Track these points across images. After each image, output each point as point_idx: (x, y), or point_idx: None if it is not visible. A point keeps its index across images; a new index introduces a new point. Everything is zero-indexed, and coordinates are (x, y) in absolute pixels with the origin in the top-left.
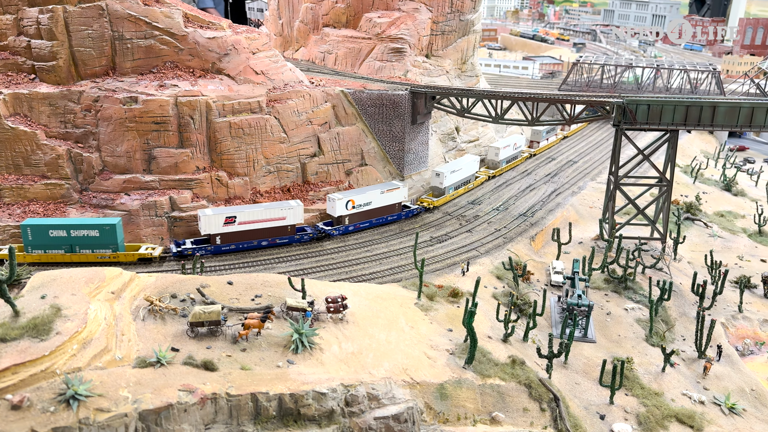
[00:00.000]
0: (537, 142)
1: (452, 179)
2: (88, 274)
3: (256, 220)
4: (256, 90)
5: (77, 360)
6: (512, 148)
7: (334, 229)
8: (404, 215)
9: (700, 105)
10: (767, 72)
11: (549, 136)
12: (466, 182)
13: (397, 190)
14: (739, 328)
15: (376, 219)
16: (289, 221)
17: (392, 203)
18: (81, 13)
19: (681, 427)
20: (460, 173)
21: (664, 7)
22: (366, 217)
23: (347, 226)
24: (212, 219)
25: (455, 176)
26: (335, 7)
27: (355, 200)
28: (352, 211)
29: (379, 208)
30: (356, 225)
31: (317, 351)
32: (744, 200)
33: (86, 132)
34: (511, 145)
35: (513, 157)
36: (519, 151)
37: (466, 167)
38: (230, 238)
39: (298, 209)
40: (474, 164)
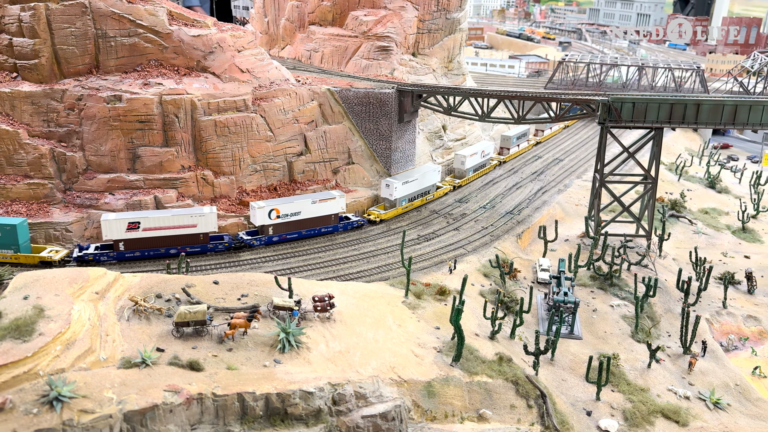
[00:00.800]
0: (507, 148)
1: (405, 191)
2: (71, 275)
3: (162, 227)
4: (242, 88)
5: (61, 361)
6: (480, 155)
7: (255, 239)
8: (342, 227)
9: (685, 103)
10: (750, 70)
11: (520, 142)
12: (425, 193)
13: (333, 200)
14: (723, 323)
15: (306, 230)
16: (201, 229)
17: (327, 214)
18: (63, 11)
19: (667, 422)
20: (415, 184)
21: (649, 6)
22: (294, 227)
23: (271, 237)
24: (114, 224)
25: (409, 187)
26: (321, 5)
27: (280, 209)
28: (276, 221)
29: (310, 218)
30: (282, 236)
31: (304, 350)
32: (728, 197)
33: (70, 131)
34: (479, 152)
35: (481, 165)
36: (487, 159)
37: (423, 177)
38: (134, 244)
39: (210, 216)
40: (434, 174)
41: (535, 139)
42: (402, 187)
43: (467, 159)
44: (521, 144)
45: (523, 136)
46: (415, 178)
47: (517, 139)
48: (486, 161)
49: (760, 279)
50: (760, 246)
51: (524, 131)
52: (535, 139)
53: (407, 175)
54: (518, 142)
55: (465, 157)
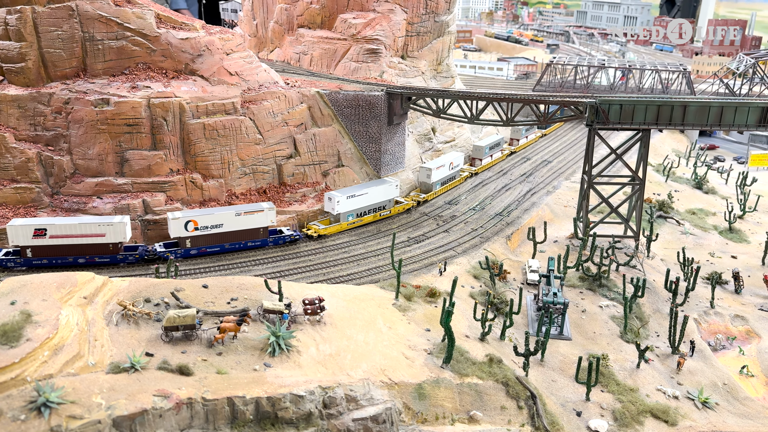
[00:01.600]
0: (479, 159)
1: (350, 205)
2: (59, 279)
3: (69, 235)
4: (231, 91)
5: (48, 367)
6: (448, 168)
7: (170, 251)
8: (272, 242)
9: (671, 104)
10: (735, 72)
11: (493, 152)
12: (379, 208)
13: (261, 212)
14: (711, 323)
15: (230, 244)
16: (110, 239)
17: (254, 227)
18: (50, 14)
19: (656, 421)
20: (364, 199)
21: (636, 8)
22: (216, 240)
23: (188, 250)
24: (20, 230)
25: (355, 202)
26: (310, 7)
27: (198, 221)
28: (194, 233)
29: (234, 231)
30: (201, 249)
31: (294, 353)
32: (715, 198)
33: (57, 135)
34: (447, 164)
35: (450, 178)
36: (457, 171)
37: (376, 192)
38: (42, 251)
39: (119, 226)
40: (391, 189)
41: (510, 148)
42: (346, 201)
43: (433, 172)
44: (494, 154)
45: (497, 146)
46: (364, 192)
47: (489, 149)
48: (455, 173)
49: (747, 279)
50: (746, 246)
51: (497, 141)
52: (509, 149)
53: (355, 188)
54: (491, 153)
55: (431, 170)
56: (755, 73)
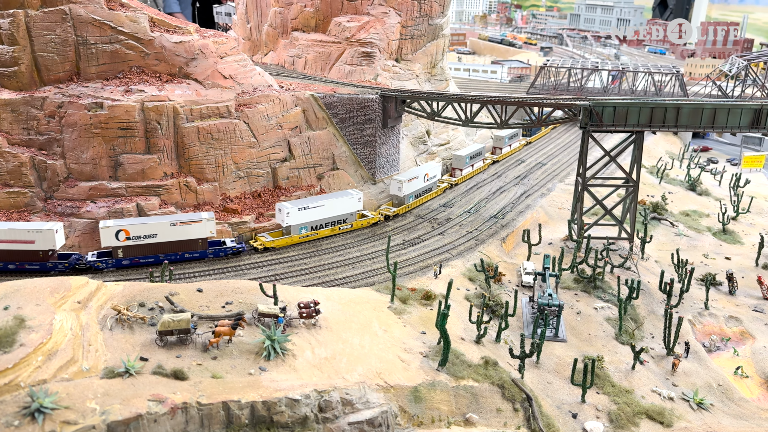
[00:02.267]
0: (459, 169)
1: (303, 218)
2: (53, 284)
3: None
4: (225, 94)
5: (42, 372)
6: (422, 179)
7: (101, 261)
8: (212, 254)
9: (665, 107)
10: (728, 74)
11: (475, 162)
12: (339, 221)
13: (198, 223)
14: (705, 324)
15: (165, 255)
16: (40, 246)
17: (192, 238)
18: (43, 18)
19: (651, 423)
20: (321, 211)
21: (629, 11)
22: (150, 251)
23: (120, 260)
24: None
25: (308, 214)
26: (304, 11)
27: (130, 231)
28: (126, 243)
29: (170, 242)
30: (134, 260)
31: (290, 357)
32: (708, 199)
33: (50, 139)
34: (421, 176)
35: (426, 190)
36: (433, 182)
37: (335, 204)
38: None
39: (48, 234)
40: (352, 202)
41: (492, 157)
42: (297, 213)
43: (404, 184)
44: (476, 164)
45: (478, 155)
46: (319, 204)
47: (470, 159)
48: (432, 185)
49: (741, 280)
50: (740, 247)
51: (479, 149)
52: (492, 158)
53: (310, 200)
54: (472, 163)
55: (402, 183)
56: (747, 75)
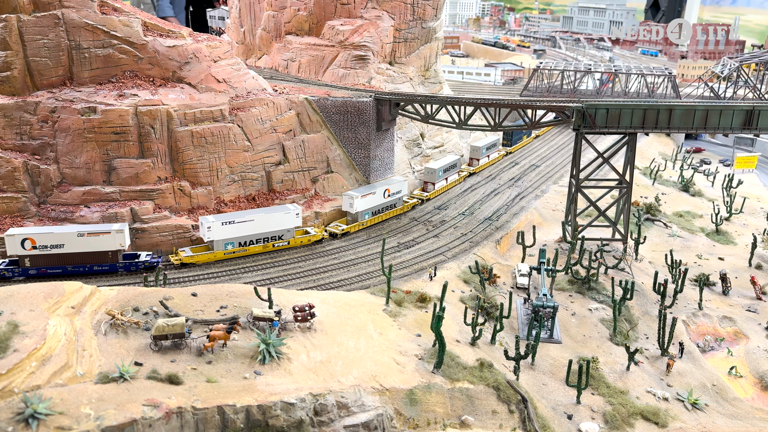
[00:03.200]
0: (432, 183)
1: (228, 233)
2: (46, 289)
3: None
4: (219, 98)
5: (36, 377)
6: (381, 195)
7: (7, 269)
8: (123, 267)
9: (657, 108)
10: (720, 75)
11: (449, 175)
12: (273, 238)
13: (108, 235)
14: (699, 325)
15: (73, 267)
16: None
17: (101, 250)
18: (36, 23)
19: (646, 424)
20: (250, 226)
21: (621, 13)
22: (58, 261)
23: (27, 269)
24: None
25: (236, 229)
26: (297, 14)
27: (36, 240)
28: (33, 252)
29: (78, 253)
30: (41, 269)
31: (285, 361)
32: (701, 200)
33: (43, 144)
34: (380, 192)
35: (388, 206)
36: (398, 198)
37: (268, 219)
38: None
39: None
40: (288, 217)
41: (469, 169)
42: (221, 228)
43: (356, 200)
44: (450, 176)
45: (453, 167)
46: (249, 218)
47: (443, 171)
48: (395, 201)
49: (734, 280)
50: (733, 248)
51: (454, 161)
52: (468, 170)
53: (238, 214)
54: (446, 176)
55: (353, 198)
56: (739, 77)
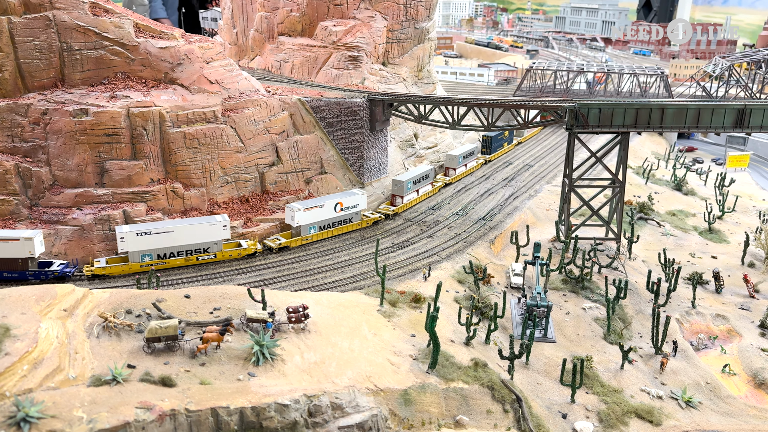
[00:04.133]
0: (400, 196)
1: (145, 244)
2: (38, 292)
3: None
4: (211, 99)
5: (28, 381)
6: (332, 209)
7: None
8: (33, 276)
9: (650, 107)
10: (712, 75)
11: (420, 187)
12: (198, 250)
13: (16, 242)
14: (693, 323)
15: None
16: None
17: (12, 257)
18: (27, 24)
19: (641, 422)
20: (170, 237)
21: (613, 13)
22: None
23: None
24: None
25: (153, 241)
26: (290, 15)
27: None
28: None
29: None
30: None
31: (279, 362)
32: (694, 199)
33: (35, 146)
34: (330, 206)
35: (339, 221)
36: (353, 213)
37: (190, 232)
38: None
39: None
40: (215, 229)
41: (444, 179)
42: (136, 239)
43: (298, 213)
44: (421, 189)
45: (424, 178)
46: (167, 229)
47: (413, 183)
48: (351, 215)
49: (727, 278)
50: (726, 246)
51: (426, 172)
52: (444, 180)
53: (156, 224)
54: (416, 188)
55: (295, 211)
56: (731, 76)
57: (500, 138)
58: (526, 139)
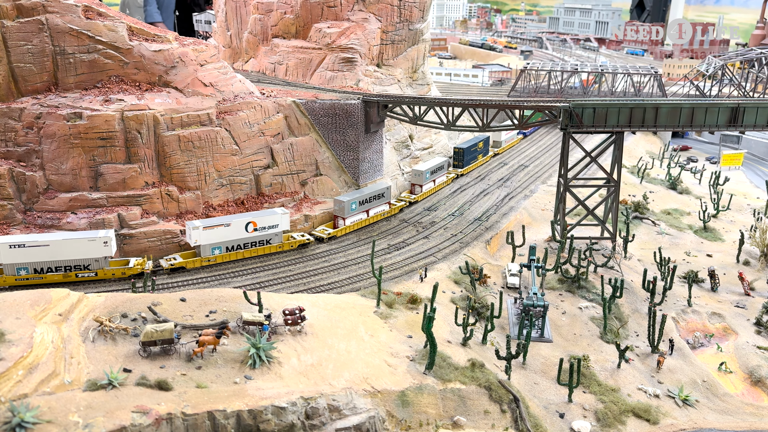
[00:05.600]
0: (342, 218)
1: (18, 257)
2: (33, 297)
3: None
4: (206, 102)
5: (23, 386)
6: (242, 229)
7: None
8: None
9: (644, 107)
10: (705, 74)
11: (370, 207)
12: (78, 267)
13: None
14: (689, 321)
15: None
16: None
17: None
18: (19, 28)
19: (638, 421)
20: (45, 252)
21: (607, 13)
22: None
23: None
24: None
25: (27, 254)
26: (284, 17)
27: None
28: None
29: None
30: None
31: (275, 365)
32: (689, 198)
33: (29, 150)
34: (239, 225)
35: (254, 242)
36: (273, 234)
37: (66, 247)
38: None
39: None
40: (93, 246)
41: (409, 197)
42: (9, 252)
43: (195, 233)
44: (373, 209)
45: (379, 197)
46: (43, 243)
47: (359, 204)
48: (269, 236)
49: (723, 276)
50: (721, 244)
51: (380, 190)
52: (408, 198)
53: (33, 237)
54: (364, 208)
55: (192, 229)
56: (724, 75)
57: (474, 150)
58: (504, 150)
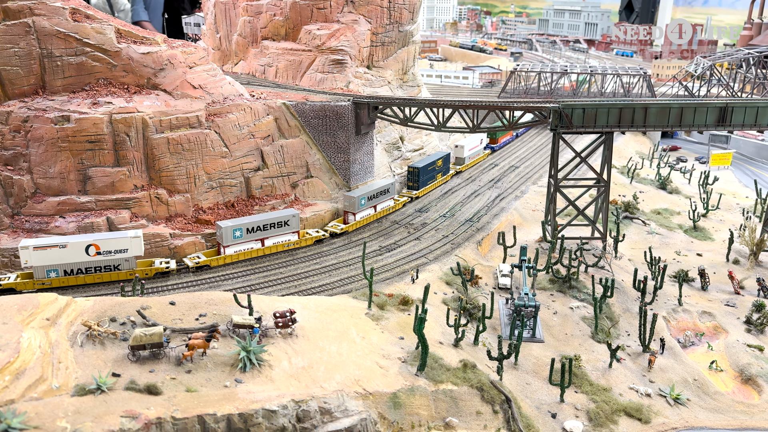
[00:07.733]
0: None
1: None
2: (20, 301)
3: None
4: (195, 104)
5: (10, 392)
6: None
7: None
8: None
9: (633, 107)
10: (694, 74)
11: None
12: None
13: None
14: (679, 320)
15: None
16: None
17: None
18: (6, 31)
19: (630, 420)
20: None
21: (596, 15)
22: None
23: None
24: None
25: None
26: (273, 19)
27: None
28: None
29: None
30: None
31: (266, 368)
32: (679, 198)
33: (16, 154)
34: (78, 247)
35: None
36: (123, 259)
37: None
38: None
39: None
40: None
41: (337, 227)
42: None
43: (25, 253)
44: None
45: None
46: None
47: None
48: (116, 261)
49: (713, 276)
50: (711, 244)
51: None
52: (333, 228)
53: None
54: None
55: (21, 249)
56: (712, 75)
57: (431, 169)
58: (466, 168)
